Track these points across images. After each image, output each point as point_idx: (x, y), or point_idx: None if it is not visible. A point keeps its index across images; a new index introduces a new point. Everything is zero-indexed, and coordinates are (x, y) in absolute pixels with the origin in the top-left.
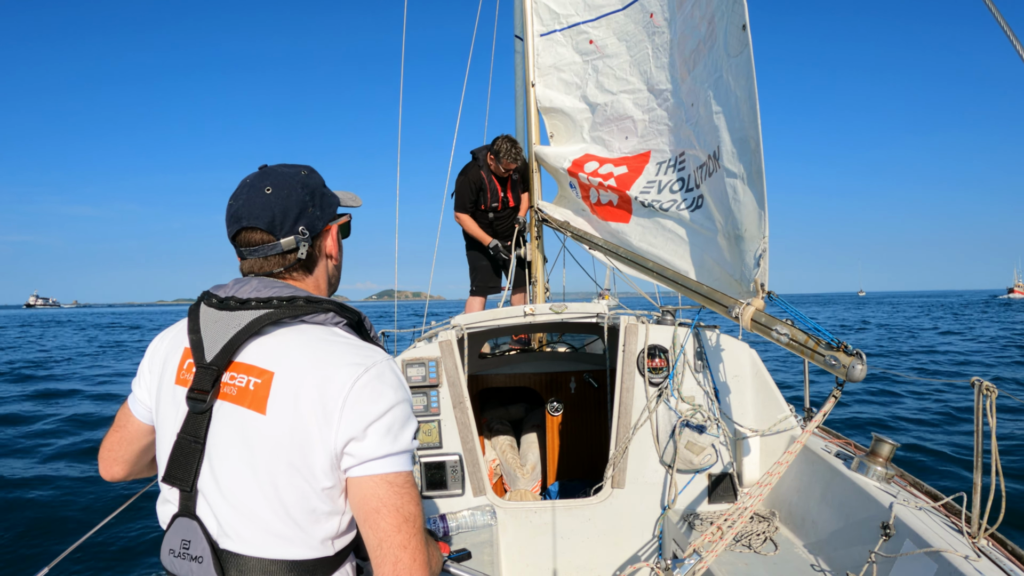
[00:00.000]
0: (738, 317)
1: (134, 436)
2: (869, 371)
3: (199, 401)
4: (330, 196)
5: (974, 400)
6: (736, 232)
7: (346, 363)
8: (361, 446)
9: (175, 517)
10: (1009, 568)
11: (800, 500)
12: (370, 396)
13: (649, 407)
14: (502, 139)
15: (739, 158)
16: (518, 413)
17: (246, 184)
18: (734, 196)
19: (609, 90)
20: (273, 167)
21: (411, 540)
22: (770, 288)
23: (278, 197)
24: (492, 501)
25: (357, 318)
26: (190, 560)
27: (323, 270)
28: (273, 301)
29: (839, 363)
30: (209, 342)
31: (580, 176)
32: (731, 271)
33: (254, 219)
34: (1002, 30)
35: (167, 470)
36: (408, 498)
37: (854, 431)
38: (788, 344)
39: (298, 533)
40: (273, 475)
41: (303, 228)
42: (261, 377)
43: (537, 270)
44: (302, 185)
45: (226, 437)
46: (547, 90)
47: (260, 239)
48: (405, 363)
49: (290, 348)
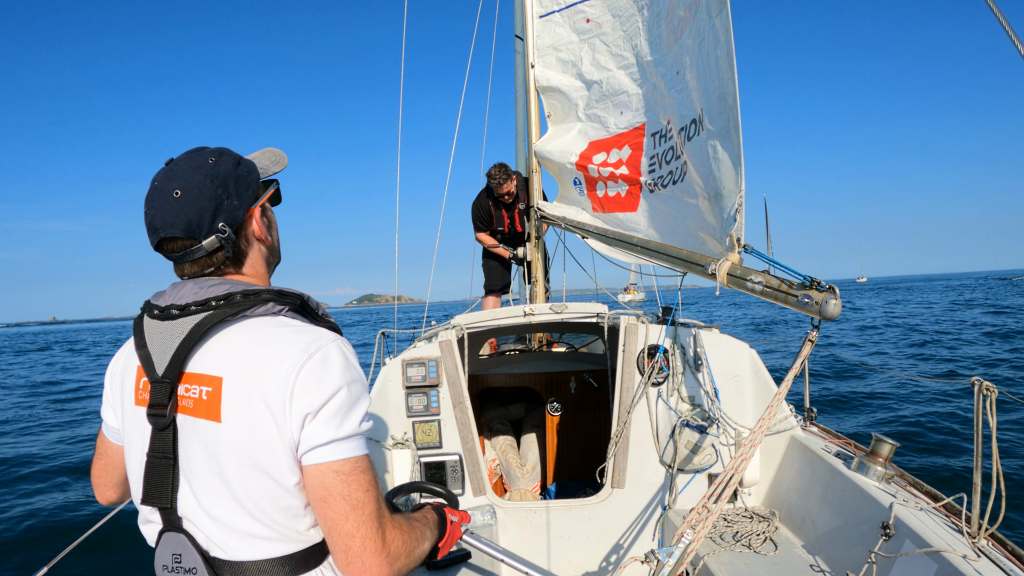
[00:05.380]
0: (715, 274)
1: (117, 461)
2: (868, 370)
3: (160, 417)
4: (246, 178)
5: (974, 400)
6: (716, 190)
7: (290, 353)
8: (308, 434)
9: (162, 533)
10: (1009, 568)
11: (800, 500)
12: (316, 382)
13: (649, 407)
14: (493, 168)
15: (718, 116)
16: (518, 413)
17: (155, 188)
18: (713, 155)
19: (605, 67)
20: (179, 162)
21: (359, 527)
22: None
23: (189, 200)
24: (492, 501)
25: (299, 301)
26: (184, 573)
27: (257, 255)
28: (211, 303)
29: (812, 301)
30: (157, 355)
31: (589, 169)
32: (713, 232)
33: (169, 228)
34: (1000, 25)
35: (144, 491)
36: (356, 485)
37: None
38: (763, 292)
39: (282, 531)
40: (244, 482)
41: (222, 225)
42: (211, 385)
43: (537, 270)
44: (212, 179)
45: (194, 451)
46: (545, 70)
47: (182, 246)
48: (405, 363)
49: (235, 349)
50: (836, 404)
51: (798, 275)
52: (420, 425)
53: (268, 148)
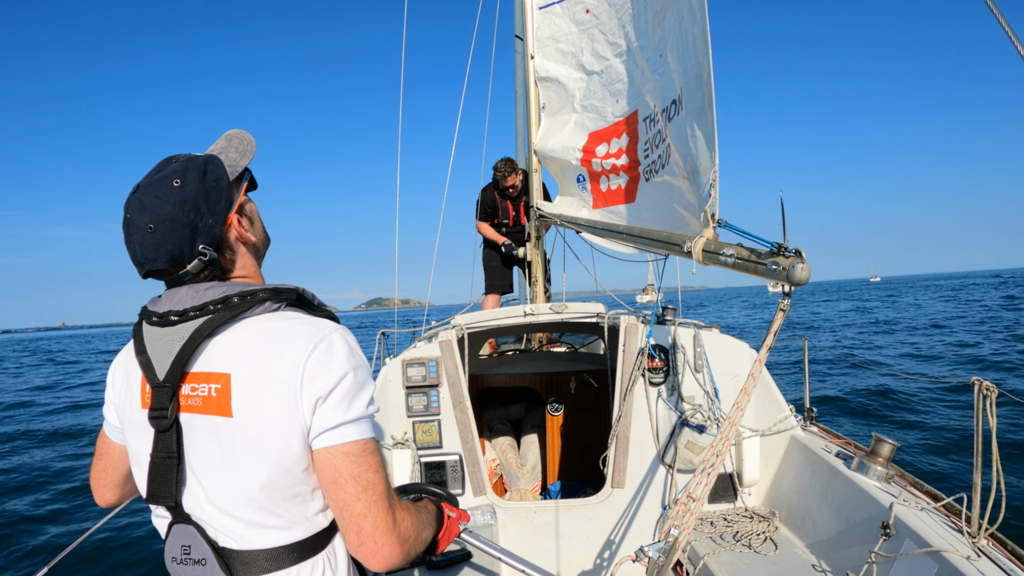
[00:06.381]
0: (690, 252)
1: (117, 460)
2: (868, 370)
3: (161, 419)
4: (215, 189)
5: (974, 400)
6: (694, 168)
7: (296, 345)
8: (318, 419)
9: (171, 525)
10: (1009, 568)
11: (800, 500)
12: (323, 369)
13: (649, 407)
14: (500, 161)
15: (695, 93)
16: (518, 413)
17: (129, 220)
18: (691, 134)
19: (604, 56)
20: (147, 190)
21: (371, 508)
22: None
23: (163, 233)
24: (492, 501)
25: (295, 295)
26: (193, 564)
27: (245, 256)
28: (209, 307)
29: (780, 267)
30: (158, 361)
31: (593, 164)
32: (693, 211)
33: (152, 262)
34: (1002, 28)
35: (149, 490)
36: (366, 466)
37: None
38: (735, 265)
39: (292, 519)
40: (256, 473)
41: (203, 247)
42: (219, 382)
43: (536, 270)
44: (181, 206)
45: (203, 449)
46: (545, 61)
47: (169, 272)
48: (405, 363)
49: (239, 346)
50: (836, 404)
51: (766, 243)
52: (420, 425)
53: (233, 132)
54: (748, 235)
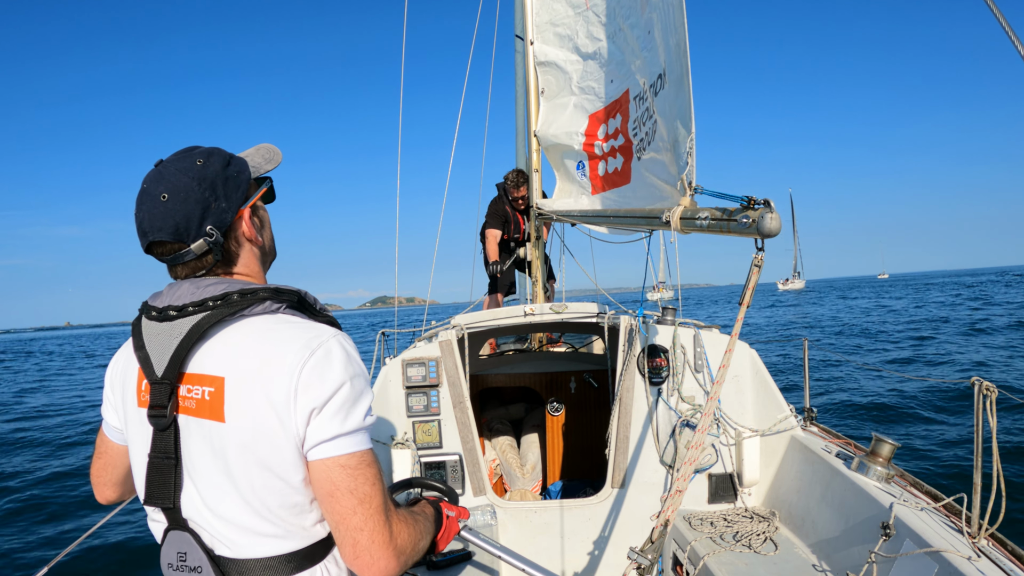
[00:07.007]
0: (668, 222)
1: (116, 459)
2: (867, 370)
3: (160, 418)
4: (235, 179)
5: (974, 400)
6: (675, 139)
7: (292, 350)
8: (313, 429)
9: (167, 531)
10: (1009, 568)
11: (800, 500)
12: (319, 378)
13: (649, 407)
14: (511, 172)
15: (675, 64)
16: (518, 413)
17: (144, 190)
18: (672, 103)
19: (597, 37)
20: (168, 164)
21: (367, 521)
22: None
23: (176, 203)
24: (492, 501)
25: (296, 297)
26: (189, 571)
27: (249, 255)
28: (208, 303)
29: (749, 220)
30: (156, 357)
31: (595, 146)
32: (673, 183)
33: (157, 232)
34: (1002, 28)
35: (146, 492)
36: (363, 479)
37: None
38: (710, 226)
39: (288, 528)
40: (250, 480)
41: (210, 228)
42: (213, 385)
43: (536, 270)
44: (199, 181)
45: (197, 451)
46: (544, 46)
47: (171, 249)
48: (405, 363)
49: (235, 348)
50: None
51: (735, 197)
52: (420, 425)
53: (263, 144)
54: (724, 196)
